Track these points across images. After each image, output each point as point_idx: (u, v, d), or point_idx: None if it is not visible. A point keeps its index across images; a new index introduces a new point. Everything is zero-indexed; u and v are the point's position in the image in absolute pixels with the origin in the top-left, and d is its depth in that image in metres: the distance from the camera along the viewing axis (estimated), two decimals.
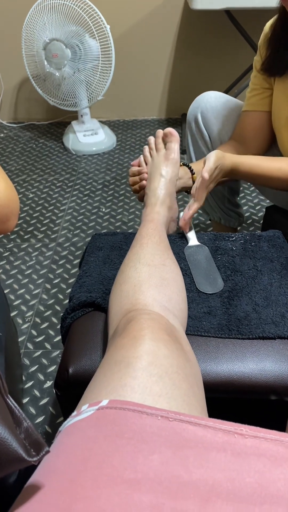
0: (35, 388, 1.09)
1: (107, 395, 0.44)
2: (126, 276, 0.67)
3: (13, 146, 2.22)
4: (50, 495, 0.35)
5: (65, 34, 1.88)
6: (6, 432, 0.35)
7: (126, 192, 1.85)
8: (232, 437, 0.38)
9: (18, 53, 2.28)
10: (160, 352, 0.49)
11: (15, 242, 1.58)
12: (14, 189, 0.46)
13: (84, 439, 0.39)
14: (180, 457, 0.37)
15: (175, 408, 0.43)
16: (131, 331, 0.52)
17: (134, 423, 0.40)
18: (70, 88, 2.00)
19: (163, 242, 0.77)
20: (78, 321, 0.77)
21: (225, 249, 0.87)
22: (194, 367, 0.54)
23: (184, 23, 2.20)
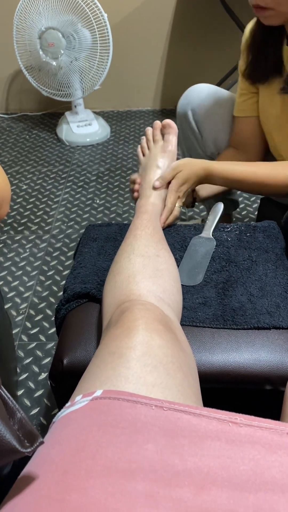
0: (30, 380, 1.09)
1: (101, 386, 0.43)
2: (120, 266, 0.67)
3: (6, 138, 2.20)
4: (44, 486, 0.35)
5: (61, 23, 1.85)
6: (0, 424, 0.35)
7: (121, 183, 1.84)
8: (227, 425, 0.38)
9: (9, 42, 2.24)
10: (154, 342, 0.49)
11: (9, 234, 1.57)
12: (6, 177, 0.45)
13: (78, 429, 0.39)
14: (174, 446, 0.37)
15: (170, 398, 0.43)
16: (125, 322, 0.52)
17: (128, 413, 0.39)
18: (66, 78, 1.97)
19: (157, 233, 0.76)
20: (73, 312, 0.76)
21: (220, 240, 0.86)
22: (188, 357, 0.54)
23: (179, 14, 2.18)
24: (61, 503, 0.33)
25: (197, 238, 0.87)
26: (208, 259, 0.82)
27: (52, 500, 0.33)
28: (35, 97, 2.40)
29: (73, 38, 1.88)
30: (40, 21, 1.87)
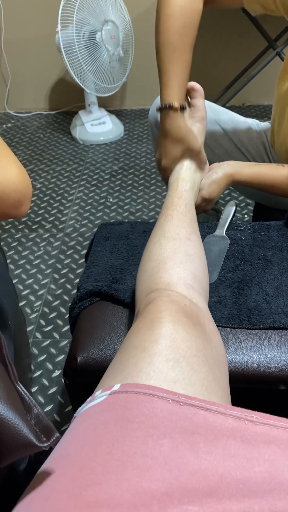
0: (44, 377, 1.10)
1: (121, 381, 0.43)
2: (150, 253, 0.65)
3: (21, 136, 2.22)
4: (61, 481, 0.35)
5: (117, 17, 1.89)
6: (17, 418, 0.35)
7: (134, 182, 1.84)
8: (243, 423, 0.38)
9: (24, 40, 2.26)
10: (178, 335, 0.47)
11: (23, 232, 1.58)
12: (26, 174, 0.45)
13: (96, 424, 0.39)
14: (190, 442, 0.36)
15: (192, 394, 0.42)
16: (148, 314, 0.51)
17: (145, 407, 0.39)
18: (110, 73, 1.98)
19: (189, 212, 0.73)
20: (86, 310, 0.77)
21: (234, 238, 0.86)
22: (216, 349, 0.52)
23: None
24: (77, 498, 0.33)
25: (210, 237, 0.86)
26: (222, 257, 0.81)
27: (68, 495, 0.33)
28: (49, 96, 2.42)
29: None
30: (103, 12, 1.85)
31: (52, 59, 2.25)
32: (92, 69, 1.90)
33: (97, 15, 1.85)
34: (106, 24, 1.87)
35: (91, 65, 1.89)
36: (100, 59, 1.90)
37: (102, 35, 1.87)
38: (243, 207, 1.66)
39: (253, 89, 2.23)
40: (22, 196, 0.44)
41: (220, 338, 0.56)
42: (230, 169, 0.87)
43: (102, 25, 1.87)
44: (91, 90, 1.99)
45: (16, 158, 0.45)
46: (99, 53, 1.89)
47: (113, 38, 1.89)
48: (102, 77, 1.96)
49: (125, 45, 2.01)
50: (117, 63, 1.99)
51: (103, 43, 1.88)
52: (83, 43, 1.85)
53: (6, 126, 2.31)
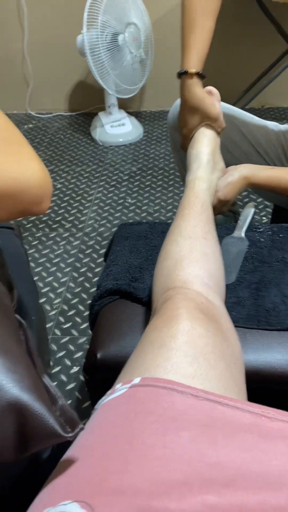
0: (62, 373, 1.12)
1: (140, 375, 0.44)
2: (167, 251, 0.67)
3: (41, 137, 2.25)
4: (84, 469, 0.37)
5: (139, 19, 1.92)
6: (44, 409, 0.37)
7: (152, 183, 1.86)
8: (259, 419, 0.39)
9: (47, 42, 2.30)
10: (195, 332, 0.48)
11: (44, 231, 1.61)
12: (47, 171, 0.46)
13: (116, 416, 0.41)
14: (208, 436, 0.37)
15: (210, 390, 0.43)
16: (166, 311, 0.52)
17: (164, 400, 0.40)
18: (132, 75, 2.00)
19: (205, 212, 0.74)
20: (106, 308, 0.78)
21: (253, 240, 0.86)
22: (232, 346, 0.52)
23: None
24: (99, 485, 0.34)
25: (229, 238, 0.87)
26: (240, 259, 0.82)
27: (91, 482, 0.35)
28: (70, 97, 2.45)
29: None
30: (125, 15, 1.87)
31: (73, 61, 2.28)
32: (115, 70, 1.92)
33: (120, 17, 1.87)
34: (129, 26, 1.89)
35: (114, 67, 1.91)
36: (123, 60, 1.92)
37: (125, 37, 1.89)
38: (261, 209, 1.65)
39: (272, 91, 2.22)
40: (43, 192, 0.45)
41: (237, 336, 0.57)
42: (246, 171, 0.88)
43: (125, 27, 1.89)
44: (112, 91, 2.01)
45: (37, 155, 0.46)
46: (122, 55, 1.91)
47: (135, 40, 1.91)
48: (124, 78, 1.98)
49: (145, 47, 2.02)
50: (139, 65, 2.01)
51: (126, 45, 1.90)
52: (106, 45, 1.87)
53: (28, 127, 2.35)
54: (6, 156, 0.42)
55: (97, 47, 1.84)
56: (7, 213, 0.44)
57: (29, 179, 0.43)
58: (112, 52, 1.89)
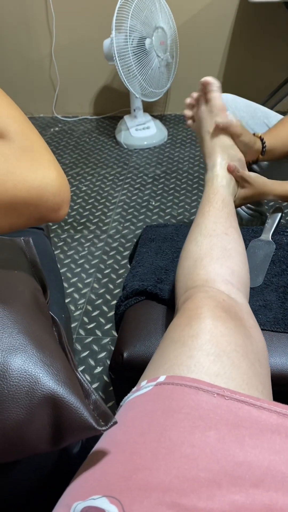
0: (86, 373, 1.13)
1: (164, 373, 0.45)
2: (187, 251, 0.66)
3: (67, 140, 2.29)
4: (112, 464, 0.37)
5: (166, 23, 1.95)
6: (78, 402, 0.38)
7: (176, 186, 1.86)
8: (287, 419, 0.38)
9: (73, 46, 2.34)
10: (217, 330, 0.48)
11: (69, 233, 1.64)
12: (65, 178, 0.47)
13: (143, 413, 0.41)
14: (235, 435, 0.37)
15: (233, 388, 0.43)
16: (187, 310, 0.52)
17: (191, 399, 0.41)
18: (160, 78, 2.03)
19: (226, 207, 0.73)
20: (132, 308, 0.79)
21: (281, 243, 0.86)
22: (256, 343, 0.52)
23: (240, 17, 2.17)
24: (128, 480, 0.35)
25: (256, 241, 0.87)
26: (268, 262, 0.82)
27: (120, 478, 0.35)
28: (95, 101, 2.49)
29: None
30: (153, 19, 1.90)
31: (99, 65, 2.32)
32: (142, 74, 1.94)
33: (148, 21, 1.89)
34: (156, 30, 1.91)
35: (141, 70, 1.93)
36: (151, 64, 1.94)
37: (153, 41, 1.90)
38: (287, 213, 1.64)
39: None
40: (60, 200, 0.45)
41: (260, 332, 0.56)
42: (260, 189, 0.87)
43: (153, 31, 1.90)
44: (138, 94, 2.03)
45: (56, 161, 0.46)
46: (149, 59, 1.93)
47: (162, 44, 1.93)
48: (151, 82, 2.00)
49: (171, 51, 2.04)
50: (165, 68, 2.02)
51: (153, 49, 1.91)
52: (132, 49, 1.89)
53: (54, 130, 2.39)
54: (24, 164, 0.43)
55: (125, 51, 1.86)
56: (25, 220, 0.44)
57: (46, 187, 0.43)
58: (138, 56, 1.91)
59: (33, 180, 0.43)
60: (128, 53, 1.87)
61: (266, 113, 1.13)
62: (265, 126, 1.11)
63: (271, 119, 1.12)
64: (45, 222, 0.48)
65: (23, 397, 0.37)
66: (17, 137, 0.43)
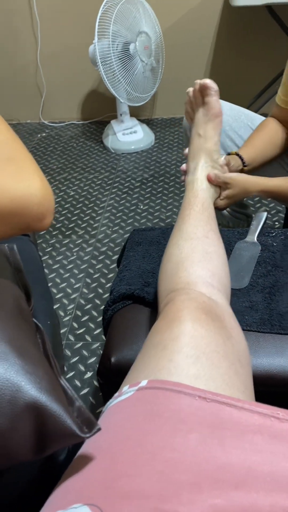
0: (76, 378, 1.13)
1: (145, 378, 0.45)
2: (169, 255, 0.67)
3: (55, 145, 2.29)
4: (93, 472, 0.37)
5: (150, 28, 1.96)
6: (61, 409, 0.38)
7: (164, 189, 1.87)
8: (269, 420, 0.38)
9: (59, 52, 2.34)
10: (197, 332, 0.48)
11: (57, 238, 1.63)
12: (49, 187, 0.47)
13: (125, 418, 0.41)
14: (217, 437, 0.37)
15: (213, 390, 0.43)
16: (168, 314, 0.52)
17: (172, 403, 0.41)
18: (145, 82, 2.03)
19: (206, 210, 0.74)
20: (119, 313, 0.79)
21: (265, 244, 0.87)
22: (237, 344, 0.52)
23: (224, 21, 2.19)
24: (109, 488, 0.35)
25: (242, 243, 0.88)
26: (253, 263, 0.82)
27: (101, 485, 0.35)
28: (82, 106, 2.49)
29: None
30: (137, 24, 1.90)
31: (85, 71, 2.32)
32: (126, 79, 1.95)
33: (131, 26, 1.90)
34: (140, 35, 1.92)
35: (125, 75, 1.94)
36: (135, 69, 1.95)
37: (136, 46, 1.91)
38: (274, 214, 1.65)
39: None
40: (45, 209, 0.45)
41: (242, 333, 0.56)
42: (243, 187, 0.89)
43: (136, 36, 1.91)
44: (124, 99, 2.04)
45: (40, 170, 0.46)
46: (133, 64, 1.94)
47: (146, 48, 1.94)
48: (136, 86, 2.01)
49: (156, 55, 2.05)
50: (150, 73, 2.03)
51: (137, 54, 1.92)
52: (117, 54, 1.90)
53: (41, 136, 2.39)
54: (7, 174, 0.43)
55: (109, 56, 1.87)
56: (9, 229, 0.44)
57: (30, 197, 0.44)
58: (123, 61, 1.91)
59: (16, 190, 0.43)
60: (111, 58, 1.87)
61: (250, 116, 1.14)
62: (249, 129, 1.12)
63: (255, 122, 1.13)
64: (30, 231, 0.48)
65: (5, 406, 0.37)
66: (0, 147, 0.43)
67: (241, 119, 1.12)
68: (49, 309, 0.75)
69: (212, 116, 0.82)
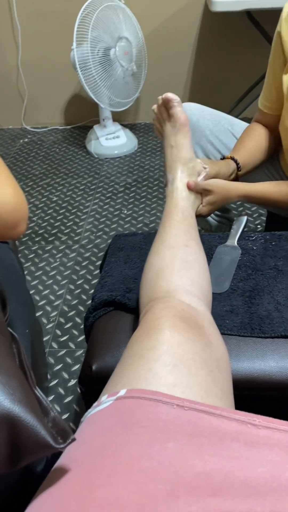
0: (60, 386, 1.12)
1: (122, 387, 0.45)
2: (149, 263, 0.67)
3: (37, 151, 2.27)
4: (69, 483, 0.37)
5: (131, 34, 1.95)
6: (35, 420, 0.37)
7: (148, 194, 1.87)
8: (246, 427, 0.39)
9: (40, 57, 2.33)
10: (174, 340, 0.48)
11: (40, 244, 1.62)
12: (22, 195, 0.46)
13: (103, 428, 0.41)
14: (194, 445, 0.38)
15: (191, 397, 0.43)
16: (146, 322, 0.53)
17: (150, 412, 0.41)
18: (126, 88, 2.03)
19: (186, 219, 0.74)
20: (101, 319, 0.79)
21: (246, 248, 0.87)
22: (216, 350, 0.52)
23: (205, 27, 2.21)
24: (85, 499, 0.34)
25: (222, 247, 0.88)
26: (234, 267, 0.83)
27: (77, 496, 0.35)
28: (64, 111, 2.48)
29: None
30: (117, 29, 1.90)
31: (67, 76, 2.31)
32: (106, 84, 1.95)
33: (111, 32, 1.90)
34: (120, 40, 1.92)
35: (105, 81, 1.94)
36: (114, 74, 1.95)
37: (116, 51, 1.92)
38: (256, 217, 1.67)
39: None
40: (18, 218, 0.45)
41: (221, 339, 0.57)
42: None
43: (116, 41, 1.92)
44: (105, 105, 2.04)
45: (13, 178, 0.46)
46: (113, 69, 1.94)
47: (126, 54, 1.94)
48: (117, 92, 2.01)
49: (138, 61, 2.05)
50: (131, 78, 2.04)
51: (117, 59, 1.93)
52: (98, 59, 1.90)
53: (23, 141, 2.38)
54: None
55: (88, 62, 1.87)
56: None
57: (3, 205, 0.43)
58: (103, 66, 1.92)
59: None
60: (90, 64, 1.88)
61: (230, 121, 1.15)
62: (229, 134, 1.13)
63: (235, 127, 1.14)
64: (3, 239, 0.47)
65: None
66: None
67: (221, 124, 1.13)
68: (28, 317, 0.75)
69: (180, 126, 0.83)
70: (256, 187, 0.93)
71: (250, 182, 0.97)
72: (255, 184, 0.94)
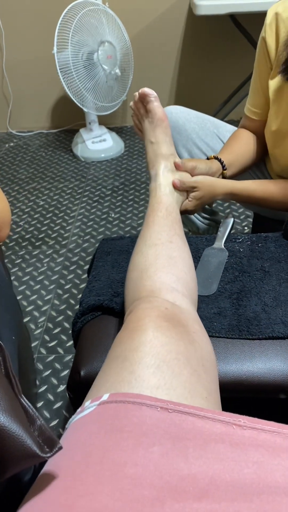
0: (49, 392, 1.11)
1: (106, 391, 0.44)
2: (133, 263, 0.67)
3: (23, 155, 2.26)
4: (54, 493, 0.36)
5: (115, 37, 1.95)
6: (21, 429, 0.37)
7: (135, 197, 1.87)
8: (231, 428, 0.38)
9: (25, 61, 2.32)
10: (157, 341, 0.48)
11: (27, 249, 1.61)
12: (5, 199, 0.46)
13: (86, 435, 0.40)
14: (179, 448, 0.37)
15: (175, 399, 0.42)
16: (130, 323, 0.52)
17: (134, 416, 0.40)
18: (110, 92, 2.03)
19: (170, 215, 0.73)
20: (88, 324, 0.78)
21: (233, 250, 0.87)
22: (201, 348, 0.52)
23: (189, 30, 2.22)
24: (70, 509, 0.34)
25: (209, 249, 0.88)
26: (221, 269, 0.83)
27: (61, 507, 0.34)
28: (50, 115, 2.47)
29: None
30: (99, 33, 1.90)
31: (52, 79, 2.30)
32: (89, 88, 1.94)
33: (94, 36, 1.90)
34: (102, 44, 1.92)
35: (88, 85, 1.93)
36: (97, 78, 1.94)
37: (99, 55, 1.92)
38: (243, 219, 1.68)
39: None
40: (0, 221, 0.45)
41: (207, 337, 0.56)
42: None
43: (98, 46, 1.92)
44: (90, 109, 2.03)
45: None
46: (95, 73, 1.94)
47: (109, 58, 1.94)
48: (100, 96, 2.00)
49: (123, 64, 2.05)
50: (115, 82, 2.03)
51: (99, 63, 1.93)
52: (82, 63, 1.89)
53: (9, 145, 2.36)
54: None
55: (69, 66, 1.87)
56: None
57: None
58: (87, 70, 1.91)
59: None
60: (70, 68, 1.87)
61: (215, 124, 1.16)
62: (215, 136, 1.14)
63: (220, 129, 1.15)
64: None
65: None
66: None
67: (207, 127, 1.14)
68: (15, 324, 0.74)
69: (158, 121, 0.82)
70: (243, 184, 0.94)
71: None
72: (242, 182, 0.94)
